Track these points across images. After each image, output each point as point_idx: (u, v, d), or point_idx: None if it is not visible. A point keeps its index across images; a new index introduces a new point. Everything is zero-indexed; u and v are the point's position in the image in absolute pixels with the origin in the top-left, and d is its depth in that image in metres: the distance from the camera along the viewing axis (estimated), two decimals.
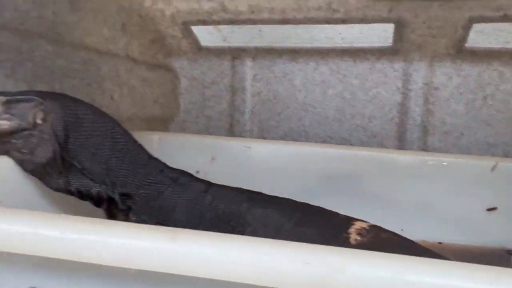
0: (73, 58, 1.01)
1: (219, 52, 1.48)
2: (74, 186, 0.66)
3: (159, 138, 1.06)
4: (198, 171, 0.90)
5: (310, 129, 1.43)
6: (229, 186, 0.72)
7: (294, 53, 1.42)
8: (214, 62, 1.50)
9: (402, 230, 0.73)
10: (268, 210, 0.66)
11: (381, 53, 1.34)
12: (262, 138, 1.47)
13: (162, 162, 0.72)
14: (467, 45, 1.27)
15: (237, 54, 1.46)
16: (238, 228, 0.65)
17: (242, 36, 1.39)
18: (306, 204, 0.70)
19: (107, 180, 0.67)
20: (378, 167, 0.99)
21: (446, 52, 1.28)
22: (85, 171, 0.65)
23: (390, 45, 1.31)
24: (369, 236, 0.58)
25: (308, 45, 1.38)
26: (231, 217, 0.66)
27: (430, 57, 1.30)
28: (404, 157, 0.98)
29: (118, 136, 0.68)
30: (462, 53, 1.28)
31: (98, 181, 0.66)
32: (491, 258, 0.93)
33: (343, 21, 1.23)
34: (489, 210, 0.96)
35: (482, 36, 1.23)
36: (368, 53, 1.35)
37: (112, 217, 0.69)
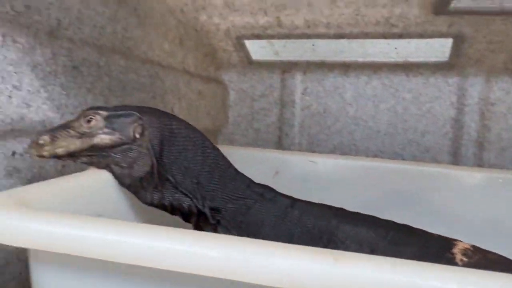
0: (141, 72, 1.03)
1: (269, 65, 1.50)
2: (168, 200, 0.67)
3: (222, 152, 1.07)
4: None
5: (360, 143, 1.43)
6: (312, 202, 0.73)
7: (346, 67, 1.42)
8: (264, 75, 1.51)
9: None
10: (358, 227, 0.66)
11: (436, 67, 1.33)
12: (311, 151, 1.48)
13: (247, 177, 0.73)
14: None
15: (287, 67, 1.47)
16: (330, 245, 0.65)
17: (294, 50, 1.41)
18: (392, 221, 0.70)
19: (198, 194, 0.67)
20: (444, 183, 0.98)
21: (504, 67, 1.27)
22: (178, 185, 0.66)
23: (446, 59, 1.30)
24: (476, 257, 0.57)
25: (360, 59, 1.38)
26: (322, 233, 0.66)
27: (487, 72, 1.29)
28: (473, 173, 0.97)
29: (209, 150, 0.69)
30: None
31: (190, 195, 0.67)
32: None
33: (400, 35, 1.23)
34: None
35: None
36: (422, 67, 1.35)
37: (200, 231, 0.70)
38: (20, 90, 0.70)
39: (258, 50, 1.44)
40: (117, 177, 0.65)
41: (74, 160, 0.65)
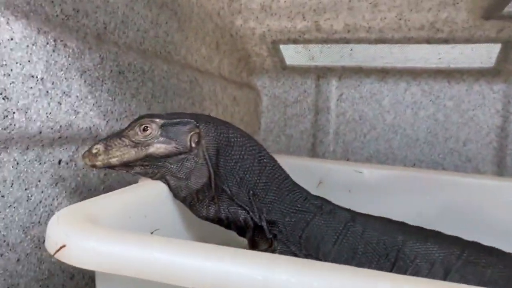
0: (182, 77, 1.01)
1: (304, 70, 1.46)
2: (223, 213, 0.63)
3: None
4: None
5: (398, 151, 1.38)
6: (372, 215, 0.69)
7: (384, 73, 1.38)
8: (298, 80, 1.48)
9: None
10: (428, 244, 0.61)
11: (480, 74, 1.28)
12: (346, 160, 1.43)
13: (304, 188, 0.69)
14: None
15: (322, 73, 1.43)
16: (399, 262, 0.60)
17: (331, 55, 1.37)
18: (459, 237, 0.65)
19: (254, 206, 0.64)
20: (502, 197, 0.93)
21: None
22: (234, 197, 0.63)
23: (491, 65, 1.25)
24: None
25: (399, 65, 1.34)
26: (387, 250, 0.62)
27: None
28: None
29: (265, 160, 0.66)
30: None
31: (246, 207, 0.63)
32: None
33: (446, 41, 1.19)
34: None
35: None
36: (465, 74, 1.30)
37: (254, 246, 0.66)
38: (69, 96, 0.68)
39: (293, 55, 1.41)
40: (172, 189, 0.62)
41: (128, 170, 0.62)
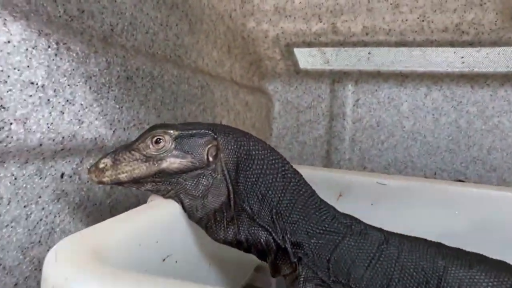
0: (193, 82, 0.95)
1: (318, 75, 1.40)
2: (243, 235, 0.57)
3: None
4: None
5: (418, 160, 1.31)
6: (407, 235, 0.62)
7: (403, 77, 1.31)
8: (311, 85, 1.41)
9: None
10: (473, 271, 0.55)
11: (505, 78, 1.22)
12: (363, 168, 1.37)
13: (332, 206, 0.62)
14: None
15: (338, 77, 1.37)
16: None
17: (347, 58, 1.31)
18: (506, 262, 0.59)
19: (277, 226, 0.57)
20: None
21: None
22: (255, 217, 0.56)
23: None
24: None
25: (419, 69, 1.28)
26: (427, 277, 0.55)
27: None
28: None
29: (290, 175, 0.59)
30: None
31: (268, 227, 0.57)
32: None
33: (471, 44, 1.12)
34: None
35: None
36: (489, 78, 1.23)
37: (276, 271, 0.60)
38: (73, 104, 0.62)
39: (307, 58, 1.35)
40: (186, 209, 0.55)
41: (138, 187, 0.55)
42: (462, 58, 1.18)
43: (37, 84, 0.55)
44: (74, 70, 0.61)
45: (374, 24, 1.14)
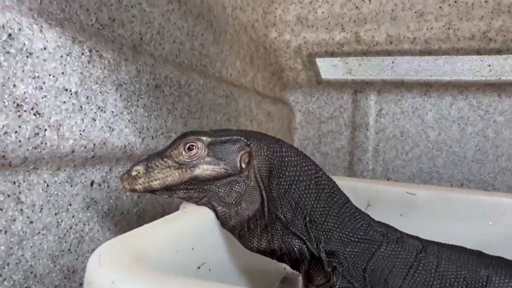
0: (218, 92, 0.95)
1: (340, 85, 1.39)
2: (277, 243, 0.55)
3: None
4: None
5: (444, 170, 1.29)
6: (445, 244, 0.60)
7: (427, 86, 1.29)
8: (333, 95, 1.40)
9: None
10: None
11: None
12: (387, 179, 1.34)
13: (366, 213, 0.61)
14: None
15: (360, 87, 1.36)
16: None
17: (370, 68, 1.29)
18: None
19: (311, 234, 0.56)
20: None
21: None
22: (289, 225, 0.55)
23: None
24: None
25: (444, 77, 1.26)
26: (470, 287, 0.53)
27: None
28: None
29: (323, 182, 0.58)
30: None
31: (301, 236, 0.56)
32: None
33: (498, 51, 1.10)
34: None
35: None
36: None
37: (309, 281, 0.58)
38: (104, 111, 0.62)
39: (329, 68, 1.34)
40: (220, 216, 0.54)
41: (170, 194, 0.55)
42: (489, 66, 1.16)
43: (70, 90, 0.55)
44: (105, 77, 0.61)
45: (398, 32, 1.13)
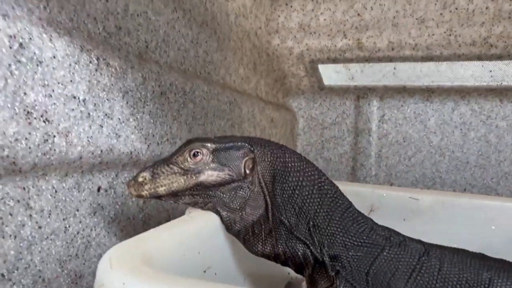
0: (222, 98, 0.96)
1: (343, 91, 1.40)
2: (281, 247, 0.56)
3: None
4: None
5: (446, 175, 1.29)
6: (448, 247, 0.60)
7: (429, 92, 1.30)
8: (336, 101, 1.41)
9: None
10: None
11: None
12: (390, 184, 1.35)
13: (369, 217, 0.61)
14: None
15: (363, 93, 1.37)
16: None
17: (372, 74, 1.30)
18: None
19: (315, 239, 0.57)
20: None
21: None
22: (293, 229, 0.56)
23: None
24: None
25: (446, 83, 1.27)
26: None
27: None
28: None
29: (326, 187, 0.59)
30: None
31: (305, 240, 0.56)
32: None
33: (500, 57, 1.11)
34: None
35: None
36: None
37: (313, 285, 0.59)
38: (111, 118, 0.63)
39: (331, 75, 1.35)
40: (224, 221, 0.55)
41: (176, 200, 0.56)
42: (491, 71, 1.17)
43: (79, 98, 0.56)
44: (112, 85, 0.62)
45: (399, 39, 1.15)
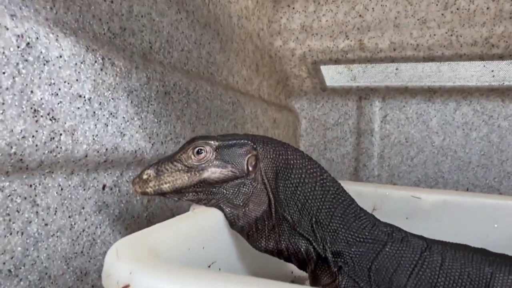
0: (225, 99, 0.97)
1: (345, 92, 1.40)
2: (284, 243, 0.57)
3: None
4: None
5: (449, 175, 1.29)
6: (449, 242, 0.61)
7: (431, 92, 1.31)
8: (338, 102, 1.42)
9: None
10: None
11: None
12: (392, 184, 1.35)
13: (371, 214, 0.62)
14: None
15: (365, 93, 1.37)
16: None
17: (374, 75, 1.31)
18: None
19: (317, 235, 0.57)
20: None
21: None
22: (296, 226, 0.57)
23: None
24: None
25: (448, 83, 1.27)
26: (474, 284, 0.54)
27: None
28: None
29: (328, 184, 0.59)
30: None
31: (308, 236, 0.57)
32: None
33: (501, 57, 1.11)
34: None
35: None
36: None
37: (316, 281, 0.59)
38: (116, 117, 0.64)
39: (333, 75, 1.36)
40: (228, 217, 0.56)
41: (180, 197, 0.56)
42: (492, 71, 1.18)
43: (84, 97, 0.57)
44: (117, 84, 0.63)
45: (401, 39, 1.15)
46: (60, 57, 0.53)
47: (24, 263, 0.54)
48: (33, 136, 0.51)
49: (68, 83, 0.55)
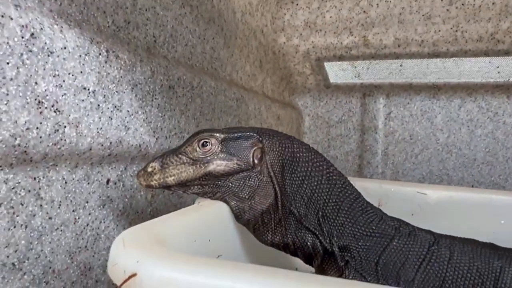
0: (229, 94, 0.96)
1: (349, 89, 1.40)
2: (290, 237, 0.56)
3: None
4: None
5: (454, 172, 1.29)
6: (457, 237, 0.60)
7: (435, 89, 1.30)
8: (342, 99, 1.41)
9: None
10: None
11: None
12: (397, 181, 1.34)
13: (378, 208, 0.61)
14: None
15: (369, 90, 1.37)
16: None
17: (379, 71, 1.30)
18: None
19: (324, 229, 0.57)
20: None
21: None
22: (302, 219, 0.56)
23: None
24: None
25: (453, 80, 1.26)
26: (483, 278, 0.53)
27: None
28: None
29: (335, 177, 0.59)
30: None
31: (314, 230, 0.56)
32: None
33: (507, 53, 1.10)
34: None
35: None
36: None
37: (322, 275, 0.59)
38: (120, 110, 0.63)
39: (337, 72, 1.35)
40: (234, 211, 0.55)
41: (185, 190, 0.56)
42: (498, 68, 1.17)
43: (88, 89, 0.57)
44: (122, 77, 0.63)
45: (406, 35, 1.15)
46: (64, 48, 0.53)
47: (28, 257, 0.54)
48: (37, 128, 0.50)
49: (72, 75, 0.54)
